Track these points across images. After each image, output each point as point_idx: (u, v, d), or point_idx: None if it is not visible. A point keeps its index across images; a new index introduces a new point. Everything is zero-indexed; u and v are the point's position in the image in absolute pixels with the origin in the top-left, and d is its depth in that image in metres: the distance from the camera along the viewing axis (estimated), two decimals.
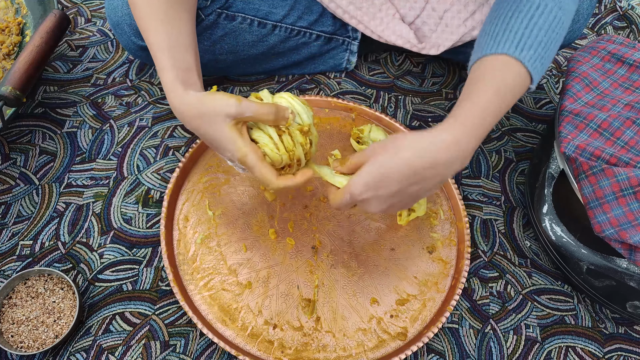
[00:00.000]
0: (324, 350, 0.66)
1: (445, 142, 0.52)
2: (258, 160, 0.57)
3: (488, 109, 0.54)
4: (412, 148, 0.52)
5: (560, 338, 0.72)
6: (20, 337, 0.64)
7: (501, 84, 0.55)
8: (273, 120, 0.56)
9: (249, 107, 0.55)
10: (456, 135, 0.52)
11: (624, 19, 1.13)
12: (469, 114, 0.54)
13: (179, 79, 0.59)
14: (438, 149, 0.52)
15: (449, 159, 0.52)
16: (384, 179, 0.53)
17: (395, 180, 0.53)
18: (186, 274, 0.70)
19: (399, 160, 0.52)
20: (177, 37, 0.60)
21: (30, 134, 0.85)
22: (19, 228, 0.76)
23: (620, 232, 0.60)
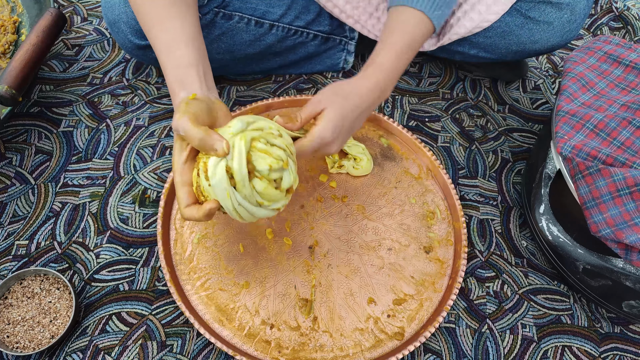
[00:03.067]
0: (321, 350, 0.66)
1: (373, 86, 0.67)
2: (179, 182, 0.55)
3: (401, 58, 0.68)
4: (356, 94, 0.65)
5: (557, 337, 0.72)
6: (16, 337, 0.64)
7: (414, 37, 0.69)
8: (197, 146, 0.53)
9: (182, 126, 0.52)
10: (380, 81, 0.67)
11: (620, 20, 1.13)
12: (386, 60, 0.67)
13: (177, 80, 0.59)
14: (371, 91, 0.66)
15: (375, 99, 0.68)
16: (343, 120, 0.64)
17: (349, 119, 0.65)
18: (183, 274, 0.70)
19: (351, 105, 0.65)
20: (178, 33, 0.60)
21: (26, 133, 0.85)
22: (14, 228, 0.75)
23: (617, 232, 0.60)
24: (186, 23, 0.61)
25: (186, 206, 0.55)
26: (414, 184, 0.82)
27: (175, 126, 0.53)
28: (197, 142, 0.52)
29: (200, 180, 0.54)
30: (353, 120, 0.66)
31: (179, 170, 0.55)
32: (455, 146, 0.90)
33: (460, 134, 0.92)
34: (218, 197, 0.53)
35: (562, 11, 0.81)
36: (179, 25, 0.60)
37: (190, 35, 0.61)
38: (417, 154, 0.84)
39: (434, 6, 0.68)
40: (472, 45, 0.88)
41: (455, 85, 0.99)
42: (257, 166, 0.53)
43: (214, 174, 0.52)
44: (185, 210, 0.55)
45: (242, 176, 0.53)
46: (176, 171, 0.55)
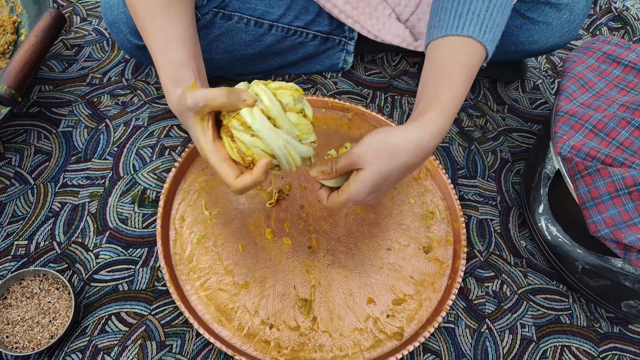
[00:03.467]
0: (320, 350, 0.66)
1: (433, 136, 0.55)
2: (217, 159, 0.54)
3: (463, 94, 0.58)
4: (408, 151, 0.55)
5: (556, 337, 0.72)
6: (15, 337, 0.64)
7: (471, 69, 0.58)
8: (225, 103, 0.51)
9: (200, 95, 0.51)
10: (441, 126, 0.56)
11: (619, 20, 1.13)
12: (450, 103, 0.57)
13: (171, 78, 0.58)
14: (428, 143, 0.55)
15: (434, 147, 0.57)
16: (384, 182, 0.56)
17: (394, 179, 0.57)
18: (182, 274, 0.70)
19: (398, 165, 0.55)
20: (172, 33, 0.60)
21: (26, 133, 0.85)
22: (14, 228, 0.75)
23: (616, 232, 0.60)
24: (181, 23, 0.60)
25: (236, 177, 0.53)
26: (413, 184, 0.82)
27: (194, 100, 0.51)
28: (223, 100, 0.51)
29: (240, 137, 0.53)
30: (397, 177, 0.57)
31: (212, 150, 0.54)
32: (455, 146, 0.90)
33: (460, 134, 0.92)
34: (266, 139, 0.53)
35: (561, 11, 0.81)
36: (174, 25, 0.60)
37: (185, 35, 0.60)
38: None
39: (483, 29, 0.58)
40: None
41: None
42: (283, 99, 0.54)
43: (253, 120, 0.52)
44: (238, 181, 0.53)
45: (278, 110, 0.53)
46: (209, 151, 0.54)
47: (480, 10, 0.58)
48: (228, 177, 0.54)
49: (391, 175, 0.56)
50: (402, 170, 0.56)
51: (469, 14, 0.58)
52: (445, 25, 0.59)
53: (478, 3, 0.58)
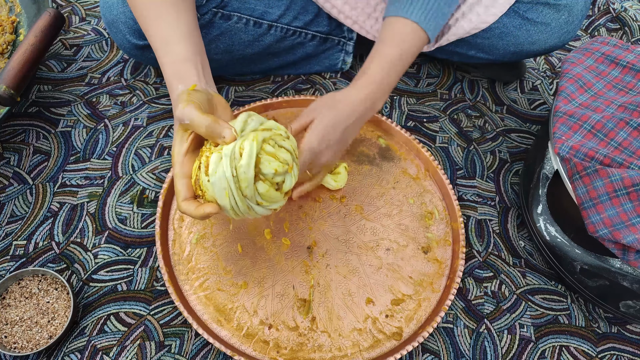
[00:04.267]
0: (319, 350, 0.66)
1: (364, 97, 0.67)
2: (178, 173, 0.54)
3: (392, 70, 0.68)
4: (346, 104, 0.66)
5: (554, 337, 0.72)
6: (13, 337, 0.64)
7: (405, 49, 0.68)
8: (204, 133, 0.52)
9: (188, 114, 0.51)
10: (370, 92, 0.68)
11: (617, 21, 1.13)
12: (377, 74, 0.68)
13: (174, 75, 0.59)
14: (362, 102, 0.67)
15: (366, 110, 0.68)
16: (332, 130, 0.66)
17: (339, 129, 0.66)
18: (181, 274, 0.70)
19: (340, 115, 0.66)
20: (175, 28, 0.60)
21: (24, 133, 0.85)
22: (12, 228, 0.75)
23: (614, 233, 0.60)
24: (183, 18, 0.61)
25: (184, 199, 0.54)
26: (412, 184, 0.82)
27: (180, 115, 0.52)
28: (204, 130, 0.51)
29: (200, 174, 0.53)
30: (343, 129, 0.67)
31: (179, 162, 0.54)
32: (454, 147, 0.90)
33: (459, 134, 0.92)
34: (216, 194, 0.53)
35: (560, 12, 0.81)
36: (176, 21, 0.60)
37: (187, 30, 0.61)
38: (415, 155, 0.84)
39: (428, 17, 0.67)
40: (470, 46, 0.88)
41: (454, 86, 1.00)
42: (263, 169, 0.53)
43: (214, 171, 0.52)
44: (183, 203, 0.54)
45: (249, 179, 0.52)
46: (176, 162, 0.54)
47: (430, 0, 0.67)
48: (179, 194, 0.54)
49: (337, 125, 0.66)
50: (343, 121, 0.66)
51: (419, 1, 0.67)
52: (398, 7, 0.68)
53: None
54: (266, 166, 0.53)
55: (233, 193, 0.53)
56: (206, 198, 0.54)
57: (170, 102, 0.91)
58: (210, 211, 0.53)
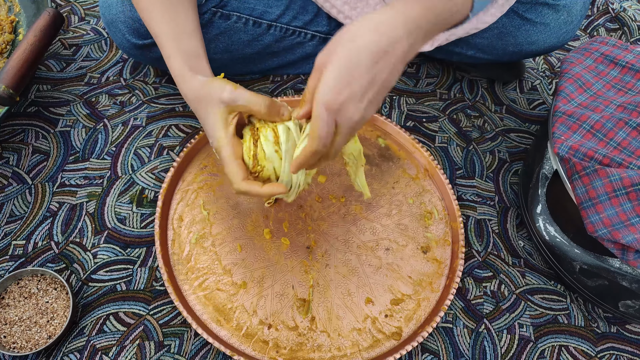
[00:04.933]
0: (318, 350, 0.66)
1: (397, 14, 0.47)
2: (231, 155, 0.55)
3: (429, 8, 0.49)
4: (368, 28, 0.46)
5: (554, 337, 0.72)
6: (13, 337, 0.64)
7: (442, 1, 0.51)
8: (265, 112, 0.53)
9: (242, 95, 0.53)
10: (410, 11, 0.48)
11: (617, 21, 1.14)
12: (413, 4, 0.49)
13: (187, 65, 0.59)
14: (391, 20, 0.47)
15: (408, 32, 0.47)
16: (353, 72, 0.46)
17: (364, 67, 0.46)
18: (181, 274, 0.70)
19: (362, 45, 0.46)
20: (183, 25, 0.60)
21: (23, 133, 0.85)
22: (11, 228, 0.75)
23: (613, 232, 0.60)
24: (189, 16, 0.62)
25: (243, 179, 0.54)
26: (412, 184, 0.82)
27: (233, 97, 0.53)
28: (265, 108, 0.53)
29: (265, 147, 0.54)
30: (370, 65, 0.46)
31: (229, 144, 0.54)
32: (453, 146, 0.90)
33: (458, 134, 0.92)
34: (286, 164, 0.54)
35: (559, 12, 0.81)
36: (184, 17, 0.61)
37: (195, 28, 0.62)
38: (415, 155, 0.84)
39: None
40: (470, 46, 0.88)
41: (453, 86, 1.00)
42: None
43: (286, 140, 0.54)
44: (243, 183, 0.54)
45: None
46: (226, 145, 0.54)
47: None
48: (236, 176, 0.54)
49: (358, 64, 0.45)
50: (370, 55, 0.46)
51: None
52: None
53: None
54: None
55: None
56: (263, 174, 0.55)
57: (169, 101, 0.91)
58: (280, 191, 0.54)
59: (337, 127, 0.48)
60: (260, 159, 0.54)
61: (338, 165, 0.82)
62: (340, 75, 0.45)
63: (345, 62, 0.45)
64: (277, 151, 0.54)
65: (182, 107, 0.90)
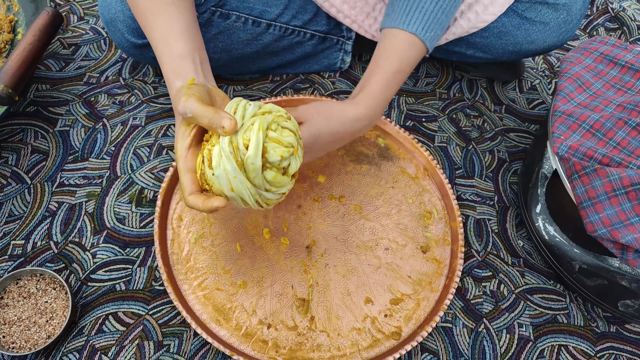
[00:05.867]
0: (318, 349, 0.66)
1: (361, 115, 0.66)
2: (182, 168, 0.55)
3: (391, 84, 0.67)
4: (339, 119, 0.64)
5: (553, 337, 0.72)
6: (12, 337, 0.64)
7: (404, 61, 0.67)
8: (207, 124, 0.52)
9: (190, 107, 0.52)
10: (369, 108, 0.66)
11: (616, 21, 1.14)
12: (378, 90, 0.66)
13: (172, 72, 0.59)
14: (356, 120, 0.66)
15: (362, 127, 0.68)
16: (316, 140, 0.64)
17: (323, 141, 0.65)
18: (180, 274, 0.70)
19: (329, 129, 0.64)
20: (174, 26, 0.60)
21: (22, 132, 0.85)
22: (10, 227, 0.75)
23: (613, 232, 0.60)
24: (182, 16, 0.61)
25: (190, 194, 0.54)
26: (411, 183, 0.82)
27: (182, 109, 0.53)
28: (206, 121, 0.52)
29: (204, 168, 0.53)
30: (326, 142, 0.66)
31: (182, 157, 0.54)
32: (452, 146, 0.90)
33: (457, 134, 0.92)
34: (223, 187, 0.53)
35: (559, 12, 0.81)
36: (175, 17, 0.60)
37: (186, 27, 0.61)
38: (414, 154, 0.84)
39: (425, 28, 0.66)
40: (469, 46, 0.88)
41: (452, 86, 1.00)
42: (269, 158, 0.53)
43: (218, 164, 0.52)
44: (190, 197, 0.54)
45: (257, 169, 0.52)
46: (180, 157, 0.55)
47: (427, 10, 0.66)
48: (185, 188, 0.54)
49: (322, 136, 0.64)
50: (331, 134, 0.65)
51: (417, 12, 0.66)
52: (395, 18, 0.67)
53: (427, 3, 0.66)
54: (272, 155, 0.53)
55: (241, 184, 0.53)
56: (213, 191, 0.54)
57: (169, 101, 0.90)
58: (218, 205, 0.53)
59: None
60: (207, 178, 0.54)
61: (337, 165, 0.82)
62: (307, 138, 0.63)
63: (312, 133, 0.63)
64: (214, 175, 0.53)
65: None
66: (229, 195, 0.54)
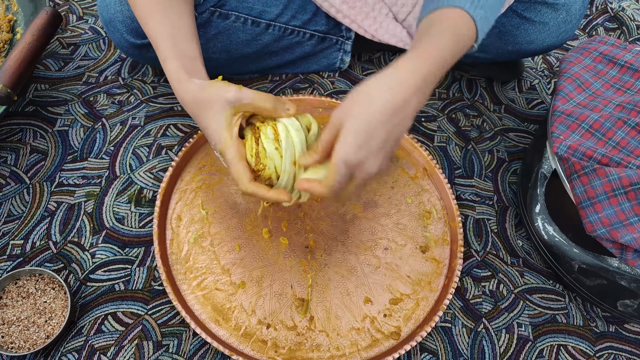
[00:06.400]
0: (317, 349, 0.66)
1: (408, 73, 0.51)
2: (236, 156, 0.55)
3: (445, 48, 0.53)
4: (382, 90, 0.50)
5: (552, 337, 0.72)
6: (10, 337, 0.63)
7: (458, 31, 0.54)
8: (271, 107, 0.55)
9: (247, 94, 0.55)
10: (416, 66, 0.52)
11: (615, 21, 1.14)
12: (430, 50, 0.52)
13: (183, 68, 0.59)
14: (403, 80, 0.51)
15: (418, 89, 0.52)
16: (371, 130, 0.50)
17: (381, 127, 0.50)
18: (179, 274, 0.70)
19: (378, 108, 0.50)
20: (179, 27, 0.60)
21: (21, 132, 0.85)
22: (9, 227, 0.75)
23: (612, 232, 0.60)
24: (185, 18, 0.62)
25: (251, 180, 0.55)
26: (410, 183, 0.82)
27: (239, 96, 0.54)
28: (270, 105, 0.55)
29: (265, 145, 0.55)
30: (386, 123, 0.50)
31: (234, 145, 0.55)
32: (452, 146, 0.90)
33: (457, 133, 0.92)
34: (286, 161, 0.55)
35: (558, 12, 0.81)
36: (180, 19, 0.61)
37: (191, 30, 0.62)
38: (414, 154, 0.84)
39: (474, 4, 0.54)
40: None
41: (452, 85, 1.00)
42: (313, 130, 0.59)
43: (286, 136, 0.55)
44: (251, 185, 0.55)
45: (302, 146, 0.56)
46: (231, 146, 0.55)
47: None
48: (242, 177, 0.55)
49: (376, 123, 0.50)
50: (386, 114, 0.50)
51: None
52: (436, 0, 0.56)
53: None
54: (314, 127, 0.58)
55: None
56: (264, 173, 0.56)
57: (168, 101, 0.90)
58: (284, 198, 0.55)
59: (353, 178, 0.52)
60: (262, 157, 0.55)
61: None
62: (359, 134, 0.49)
63: (363, 122, 0.49)
64: (277, 148, 0.55)
65: (180, 106, 0.90)
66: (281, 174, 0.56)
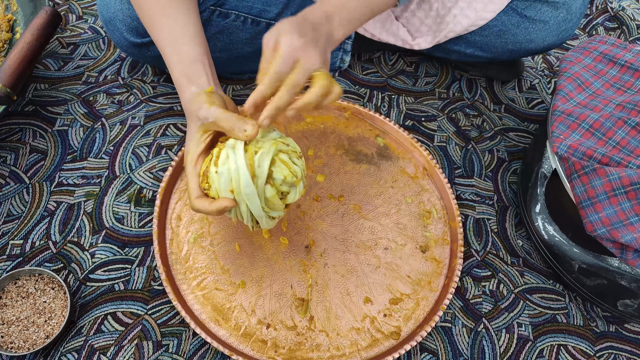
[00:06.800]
0: (317, 349, 0.66)
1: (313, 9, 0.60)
2: (191, 171, 0.56)
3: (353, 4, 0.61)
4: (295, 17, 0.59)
5: (552, 336, 0.72)
6: (10, 337, 0.63)
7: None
8: (228, 128, 0.54)
9: (213, 113, 0.54)
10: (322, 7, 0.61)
11: (615, 20, 1.14)
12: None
13: (184, 75, 0.59)
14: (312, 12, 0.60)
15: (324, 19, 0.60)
16: (303, 29, 0.57)
17: (310, 27, 0.57)
18: (179, 274, 0.70)
19: (299, 18, 0.58)
20: (182, 29, 0.60)
21: (21, 132, 0.84)
22: (9, 227, 0.75)
23: (612, 232, 0.60)
24: (190, 19, 0.62)
25: (197, 197, 0.55)
26: (410, 183, 0.82)
27: (205, 115, 0.54)
28: (230, 125, 0.53)
29: (209, 165, 0.55)
30: (315, 26, 0.59)
31: (194, 161, 0.56)
32: (452, 146, 0.90)
33: (457, 133, 0.92)
34: (221, 186, 0.54)
35: (558, 10, 0.81)
36: (183, 21, 0.61)
37: (195, 31, 0.62)
38: (414, 154, 0.84)
39: None
40: (469, 44, 0.88)
41: (452, 85, 0.99)
42: (274, 173, 0.55)
43: (223, 163, 0.53)
44: (196, 201, 0.55)
45: (263, 174, 0.54)
46: (191, 161, 0.56)
47: None
48: (193, 192, 0.56)
49: (305, 24, 0.57)
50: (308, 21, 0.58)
51: None
52: None
53: None
54: (277, 171, 0.55)
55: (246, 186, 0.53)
56: (209, 193, 0.56)
57: (167, 100, 0.90)
58: (227, 205, 0.54)
59: (297, 65, 0.56)
60: (208, 177, 0.55)
61: (336, 165, 0.82)
62: (295, 31, 0.55)
63: (295, 24, 0.56)
64: (217, 172, 0.54)
65: (180, 106, 0.90)
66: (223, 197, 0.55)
